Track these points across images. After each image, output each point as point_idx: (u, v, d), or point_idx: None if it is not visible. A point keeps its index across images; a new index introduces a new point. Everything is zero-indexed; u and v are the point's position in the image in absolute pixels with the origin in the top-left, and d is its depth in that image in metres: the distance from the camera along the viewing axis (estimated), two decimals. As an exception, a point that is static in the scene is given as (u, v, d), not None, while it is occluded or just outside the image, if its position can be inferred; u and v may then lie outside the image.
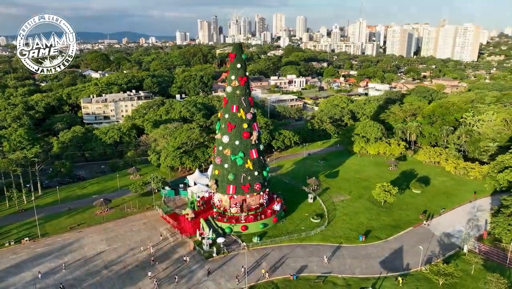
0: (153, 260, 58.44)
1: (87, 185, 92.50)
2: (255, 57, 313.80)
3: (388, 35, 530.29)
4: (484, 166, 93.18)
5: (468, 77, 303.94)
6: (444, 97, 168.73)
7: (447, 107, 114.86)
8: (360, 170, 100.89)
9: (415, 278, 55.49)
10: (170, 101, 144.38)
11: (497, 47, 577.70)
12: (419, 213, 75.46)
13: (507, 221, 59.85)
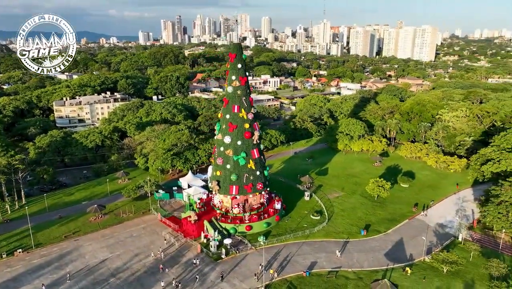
0: (162, 268, 56.88)
1: (73, 191, 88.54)
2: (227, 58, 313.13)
3: (351, 36, 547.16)
4: (463, 159, 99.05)
5: (429, 76, 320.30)
6: (412, 95, 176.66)
7: (424, 105, 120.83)
8: (347, 167, 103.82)
9: (420, 267, 58.13)
10: (150, 103, 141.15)
11: (450, 48, 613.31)
12: (411, 206, 78.95)
13: (496, 209, 64.13)
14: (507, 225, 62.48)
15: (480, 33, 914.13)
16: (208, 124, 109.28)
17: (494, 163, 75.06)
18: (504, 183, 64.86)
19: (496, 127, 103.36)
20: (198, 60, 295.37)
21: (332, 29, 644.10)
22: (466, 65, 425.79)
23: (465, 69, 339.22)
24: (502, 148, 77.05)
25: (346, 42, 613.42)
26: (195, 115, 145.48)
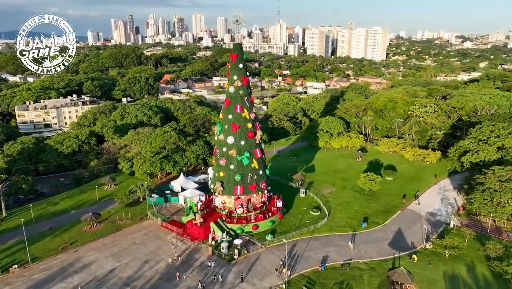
0: (178, 275, 55.44)
1: (58, 200, 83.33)
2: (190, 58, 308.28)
3: (307, 36, 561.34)
4: (437, 152, 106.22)
5: (384, 75, 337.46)
6: (374, 93, 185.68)
7: (396, 102, 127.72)
8: (332, 163, 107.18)
9: (423, 254, 61.87)
10: (123, 105, 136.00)
11: (398, 48, 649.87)
12: (400, 198, 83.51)
13: (482, 196, 69.76)
14: (493, 210, 68.22)
15: (422, 35, 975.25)
16: (193, 126, 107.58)
17: (472, 154, 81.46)
18: (488, 171, 70.74)
19: (463, 121, 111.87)
20: (162, 60, 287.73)
21: (288, 29, 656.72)
22: (415, 64, 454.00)
23: (415, 68, 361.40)
24: (478, 139, 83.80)
25: (302, 42, 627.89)
26: (170, 117, 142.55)
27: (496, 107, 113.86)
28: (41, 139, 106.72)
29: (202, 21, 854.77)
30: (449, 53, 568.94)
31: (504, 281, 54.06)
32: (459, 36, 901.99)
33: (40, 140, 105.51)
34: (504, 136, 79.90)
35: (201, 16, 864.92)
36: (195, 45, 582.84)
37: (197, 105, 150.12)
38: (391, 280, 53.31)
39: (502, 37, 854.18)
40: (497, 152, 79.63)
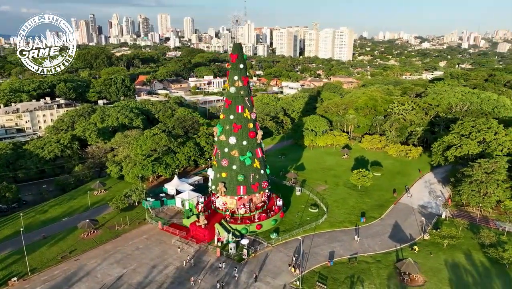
0: (193, 280, 54.63)
1: (47, 208, 79.52)
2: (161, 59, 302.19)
3: (275, 37, 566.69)
4: (419, 147, 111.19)
5: (353, 74, 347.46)
6: (348, 92, 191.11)
7: (376, 100, 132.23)
8: (320, 161, 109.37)
9: (423, 244, 64.71)
10: (102, 108, 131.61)
11: (363, 48, 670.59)
12: (391, 192, 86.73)
13: (470, 187, 74.01)
14: (480, 200, 72.56)
15: (383, 35, 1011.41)
16: (182, 127, 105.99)
17: (456, 148, 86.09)
18: (474, 164, 75.10)
19: (440, 118, 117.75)
20: (134, 61, 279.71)
21: (256, 30, 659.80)
22: (380, 64, 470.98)
23: (382, 68, 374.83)
24: (460, 134, 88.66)
25: (270, 43, 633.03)
26: (151, 119, 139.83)
27: (469, 104, 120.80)
28: (19, 144, 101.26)
29: (168, 21, 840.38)
30: (410, 53, 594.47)
31: (501, 266, 57.73)
32: (418, 37, 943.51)
33: (18, 146, 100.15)
34: (484, 131, 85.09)
35: (167, 16, 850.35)
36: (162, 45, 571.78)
37: (177, 106, 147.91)
38: (400, 271, 55.52)
39: (455, 38, 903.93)
40: (478, 145, 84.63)
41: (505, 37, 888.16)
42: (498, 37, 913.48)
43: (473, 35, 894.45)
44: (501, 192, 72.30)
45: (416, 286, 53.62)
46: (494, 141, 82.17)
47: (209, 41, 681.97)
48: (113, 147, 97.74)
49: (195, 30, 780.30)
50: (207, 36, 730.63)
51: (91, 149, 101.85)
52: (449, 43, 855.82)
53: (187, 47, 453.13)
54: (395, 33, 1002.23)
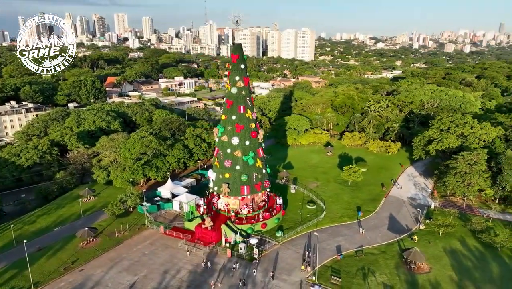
0: (213, 284, 53.94)
1: (34, 218, 75.01)
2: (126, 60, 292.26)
3: (238, 37, 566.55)
4: (397, 142, 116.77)
5: (318, 74, 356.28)
6: (318, 91, 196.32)
7: (353, 98, 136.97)
8: (306, 159, 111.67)
9: (420, 234, 68.30)
10: (76, 111, 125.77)
11: (323, 49, 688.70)
12: (379, 186, 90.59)
13: (454, 178, 79.12)
14: (465, 190, 77.84)
15: (340, 36, 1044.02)
16: (169, 129, 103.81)
17: (438, 142, 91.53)
18: (458, 156, 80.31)
19: (415, 114, 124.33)
20: (98, 62, 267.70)
21: (218, 30, 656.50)
22: (341, 63, 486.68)
23: (345, 67, 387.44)
24: (440, 129, 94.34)
25: (232, 43, 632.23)
26: (127, 121, 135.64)
27: (439, 100, 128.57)
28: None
29: (125, 21, 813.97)
30: (368, 53, 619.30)
31: (493, 250, 62.45)
32: (372, 38, 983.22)
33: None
34: (462, 125, 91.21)
35: (124, 15, 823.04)
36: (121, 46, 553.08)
37: (154, 108, 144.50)
38: (406, 260, 58.43)
39: (406, 38, 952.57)
40: (457, 139, 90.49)
41: (450, 38, 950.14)
42: (444, 38, 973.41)
43: (422, 36, 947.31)
44: (482, 181, 77.93)
45: (423, 273, 56.69)
46: (472, 134, 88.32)
47: (170, 42, 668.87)
48: (98, 151, 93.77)
49: (155, 30, 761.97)
50: (167, 37, 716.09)
51: (72, 154, 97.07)
52: (401, 43, 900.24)
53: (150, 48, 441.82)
54: (351, 34, 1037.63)
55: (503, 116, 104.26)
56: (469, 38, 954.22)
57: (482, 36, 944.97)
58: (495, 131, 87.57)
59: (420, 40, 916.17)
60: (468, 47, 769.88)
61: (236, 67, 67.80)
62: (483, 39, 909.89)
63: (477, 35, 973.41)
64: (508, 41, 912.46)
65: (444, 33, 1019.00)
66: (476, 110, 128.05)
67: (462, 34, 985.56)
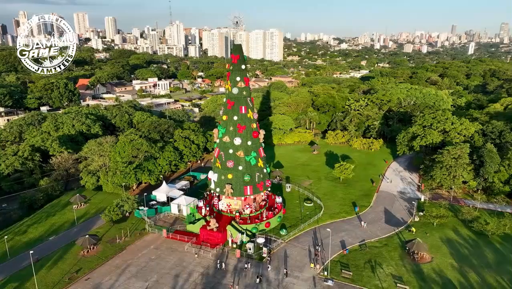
0: (231, 286, 53.62)
1: (24, 228, 71.18)
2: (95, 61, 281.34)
3: (207, 38, 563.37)
4: (379, 139, 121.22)
5: (288, 74, 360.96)
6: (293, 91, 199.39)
7: (334, 97, 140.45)
8: (294, 158, 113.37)
9: (416, 226, 71.36)
10: (53, 115, 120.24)
11: (290, 49, 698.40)
12: (369, 182, 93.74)
13: (441, 172, 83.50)
14: (451, 182, 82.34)
15: (305, 37, 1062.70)
16: (157, 132, 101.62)
17: (422, 138, 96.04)
18: (443, 151, 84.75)
19: (394, 112, 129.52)
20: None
21: (184, 30, 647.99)
22: (309, 64, 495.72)
23: (314, 68, 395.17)
24: (423, 125, 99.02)
25: (199, 43, 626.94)
26: (107, 124, 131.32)
27: (415, 98, 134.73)
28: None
29: (86, 21, 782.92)
30: (333, 54, 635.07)
31: (485, 237, 66.58)
32: (336, 38, 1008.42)
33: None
34: (443, 122, 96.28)
35: (84, 15, 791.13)
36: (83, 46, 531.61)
37: (134, 110, 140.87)
38: (409, 251, 61.13)
39: (368, 39, 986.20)
40: (440, 135, 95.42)
41: (408, 39, 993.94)
42: (402, 38, 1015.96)
43: (382, 37, 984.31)
44: (466, 174, 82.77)
45: (427, 263, 59.51)
46: (453, 130, 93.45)
47: (135, 42, 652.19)
48: (86, 156, 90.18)
49: (118, 30, 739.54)
50: (131, 37, 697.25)
51: (56, 160, 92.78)
52: (363, 44, 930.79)
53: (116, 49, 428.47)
54: (316, 35, 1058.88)
55: (477, 112, 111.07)
56: (425, 39, 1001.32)
57: (437, 37, 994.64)
58: (474, 126, 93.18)
59: (381, 40, 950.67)
60: (425, 48, 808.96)
61: (236, 67, 67.86)
62: (437, 40, 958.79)
63: (432, 36, 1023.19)
64: (460, 42, 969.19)
65: (402, 34, 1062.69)
66: (448, 107, 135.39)
67: (419, 35, 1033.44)
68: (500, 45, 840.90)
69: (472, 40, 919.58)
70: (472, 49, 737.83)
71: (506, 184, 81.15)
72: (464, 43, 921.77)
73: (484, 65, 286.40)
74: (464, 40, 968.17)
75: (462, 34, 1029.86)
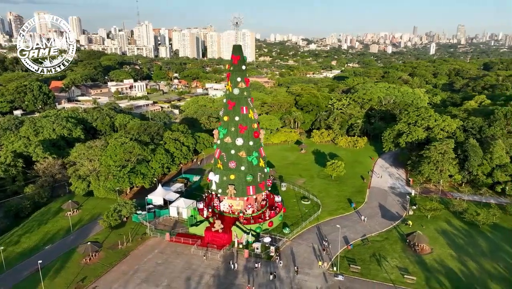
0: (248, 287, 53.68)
1: (16, 238, 67.67)
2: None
3: (178, 38, 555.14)
4: (364, 137, 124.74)
5: (263, 74, 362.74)
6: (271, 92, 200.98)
7: (318, 97, 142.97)
8: (283, 157, 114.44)
9: (411, 219, 74.29)
10: (31, 119, 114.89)
11: (261, 50, 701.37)
12: (359, 179, 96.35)
13: (429, 167, 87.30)
14: (439, 176, 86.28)
15: (274, 37, 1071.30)
16: (147, 134, 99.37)
17: (407, 135, 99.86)
18: (431, 147, 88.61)
19: (375, 110, 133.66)
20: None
21: (154, 31, 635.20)
22: (281, 64, 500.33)
23: (288, 68, 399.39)
24: (408, 122, 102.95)
25: (170, 44, 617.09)
26: (88, 128, 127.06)
27: (394, 97, 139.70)
28: None
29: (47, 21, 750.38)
30: (304, 54, 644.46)
31: (475, 227, 70.38)
32: (304, 39, 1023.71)
33: None
34: (427, 119, 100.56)
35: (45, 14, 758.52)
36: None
37: (115, 113, 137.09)
38: (410, 243, 63.61)
39: (335, 40, 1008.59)
40: (424, 131, 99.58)
41: (373, 40, 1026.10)
42: (368, 39, 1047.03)
43: (349, 38, 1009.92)
44: (452, 168, 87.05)
45: (427, 254, 62.18)
46: (436, 127, 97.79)
47: (102, 43, 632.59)
48: (75, 160, 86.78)
49: (83, 30, 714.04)
50: (98, 38, 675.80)
51: (41, 166, 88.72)
52: (331, 44, 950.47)
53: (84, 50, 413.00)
54: (285, 35, 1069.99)
55: (455, 109, 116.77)
56: (389, 40, 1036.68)
57: (400, 38, 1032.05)
58: (455, 123, 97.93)
59: (348, 41, 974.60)
60: (390, 48, 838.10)
61: (237, 68, 67.87)
62: (401, 41, 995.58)
63: (395, 37, 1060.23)
64: (421, 42, 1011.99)
65: (367, 35, 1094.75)
66: (425, 104, 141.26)
67: (383, 36, 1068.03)
68: (458, 45, 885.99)
69: (432, 41, 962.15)
70: (433, 50, 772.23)
71: (488, 176, 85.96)
72: (425, 43, 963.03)
73: (448, 65, 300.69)
74: (425, 41, 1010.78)
75: (423, 35, 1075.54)
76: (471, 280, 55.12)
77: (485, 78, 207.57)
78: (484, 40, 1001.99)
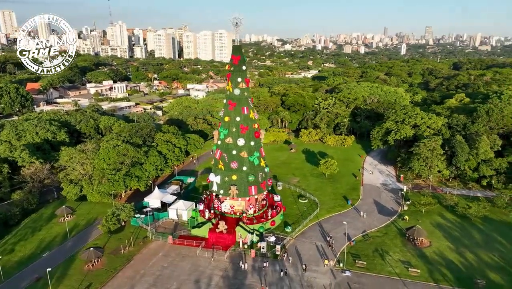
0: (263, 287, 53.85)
1: (10, 247, 64.74)
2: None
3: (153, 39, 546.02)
4: (351, 136, 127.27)
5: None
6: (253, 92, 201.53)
7: (304, 97, 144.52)
8: (274, 157, 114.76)
9: (407, 214, 76.61)
10: (12, 123, 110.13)
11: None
12: (351, 176, 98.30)
13: (419, 163, 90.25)
14: (429, 172, 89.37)
15: (250, 38, 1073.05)
16: (139, 136, 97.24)
17: (396, 133, 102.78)
18: (420, 144, 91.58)
19: (361, 109, 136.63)
20: (6, 67, 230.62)
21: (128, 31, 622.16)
22: (258, 64, 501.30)
23: (265, 68, 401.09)
24: (395, 121, 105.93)
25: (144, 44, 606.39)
26: (71, 130, 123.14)
27: (378, 96, 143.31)
28: None
29: (13, 20, 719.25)
30: (280, 54, 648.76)
31: (467, 219, 73.40)
32: (279, 40, 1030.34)
33: None
34: (414, 117, 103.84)
35: (11, 13, 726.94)
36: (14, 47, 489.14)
37: (99, 115, 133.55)
38: (410, 237, 65.63)
39: (309, 40, 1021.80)
40: (411, 129, 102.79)
41: (346, 40, 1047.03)
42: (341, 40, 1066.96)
43: (323, 38, 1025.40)
44: (440, 163, 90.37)
45: (427, 247, 64.36)
46: (423, 124, 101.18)
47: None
48: (66, 164, 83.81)
49: (52, 30, 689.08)
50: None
51: (27, 171, 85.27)
52: (306, 45, 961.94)
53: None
54: (260, 36, 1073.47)
55: (439, 107, 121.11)
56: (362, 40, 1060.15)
57: (372, 39, 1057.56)
58: (441, 120, 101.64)
59: (322, 42, 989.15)
60: (362, 48, 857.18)
61: (237, 68, 67.76)
62: (372, 41, 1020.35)
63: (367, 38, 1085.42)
64: (392, 43, 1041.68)
65: (340, 35, 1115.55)
66: (407, 103, 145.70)
67: (356, 37, 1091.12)
68: (426, 46, 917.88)
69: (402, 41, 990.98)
70: (404, 50, 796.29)
71: (475, 171, 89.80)
72: (396, 44, 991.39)
73: (421, 65, 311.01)
74: (395, 42, 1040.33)
75: (394, 36, 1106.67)
76: (471, 271, 57.51)
77: (458, 78, 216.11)
78: (450, 41, 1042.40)
